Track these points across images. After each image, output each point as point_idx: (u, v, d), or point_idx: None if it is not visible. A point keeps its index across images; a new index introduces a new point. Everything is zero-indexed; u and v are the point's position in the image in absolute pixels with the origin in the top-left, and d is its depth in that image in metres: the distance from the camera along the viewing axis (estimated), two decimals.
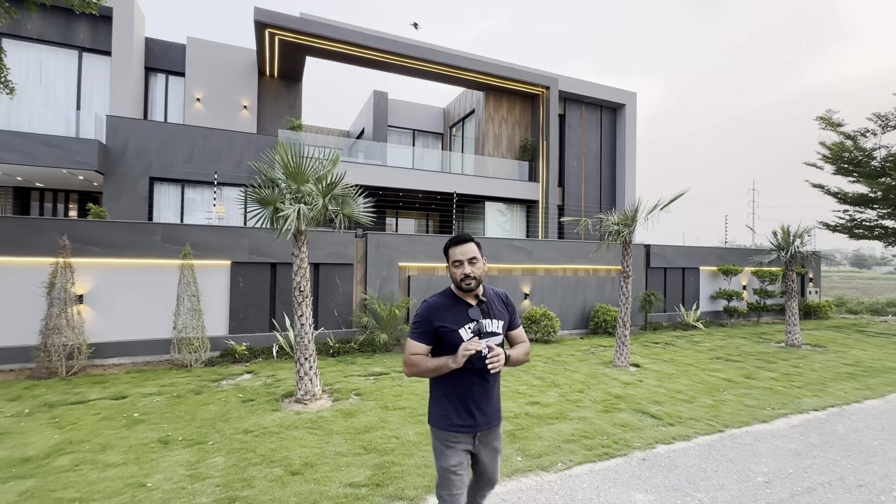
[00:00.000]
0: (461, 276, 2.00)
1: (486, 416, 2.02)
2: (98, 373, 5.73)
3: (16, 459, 3.33)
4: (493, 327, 2.02)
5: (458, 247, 2.03)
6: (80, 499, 2.83)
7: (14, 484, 3.00)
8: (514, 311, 2.17)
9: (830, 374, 6.35)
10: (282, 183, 4.65)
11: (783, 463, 3.54)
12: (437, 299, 2.06)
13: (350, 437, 3.85)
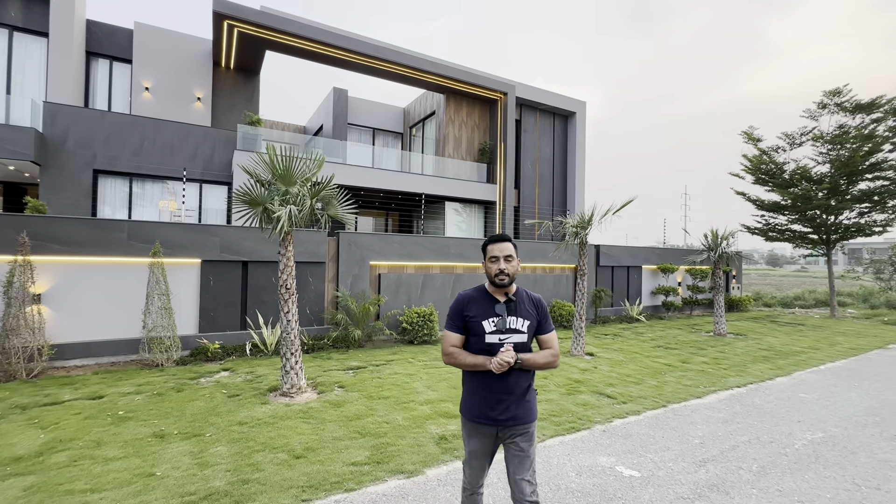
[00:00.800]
0: (496, 272, 2.10)
1: (507, 413, 2.05)
2: (62, 374, 5.53)
3: (6, 459, 3.32)
4: (517, 325, 2.08)
5: (497, 244, 2.15)
6: (91, 489, 2.93)
7: (15, 480, 3.02)
8: (544, 316, 2.17)
9: (750, 358, 7.41)
10: (271, 184, 4.80)
11: (714, 428, 4.27)
12: (470, 293, 2.19)
13: (343, 424, 4.13)
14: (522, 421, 2.09)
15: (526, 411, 2.10)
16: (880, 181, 12.50)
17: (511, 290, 2.15)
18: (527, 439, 2.12)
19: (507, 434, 2.10)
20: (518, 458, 2.09)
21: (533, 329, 2.12)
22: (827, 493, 3.06)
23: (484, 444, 2.13)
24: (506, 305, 2.10)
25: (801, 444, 3.92)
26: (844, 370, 6.74)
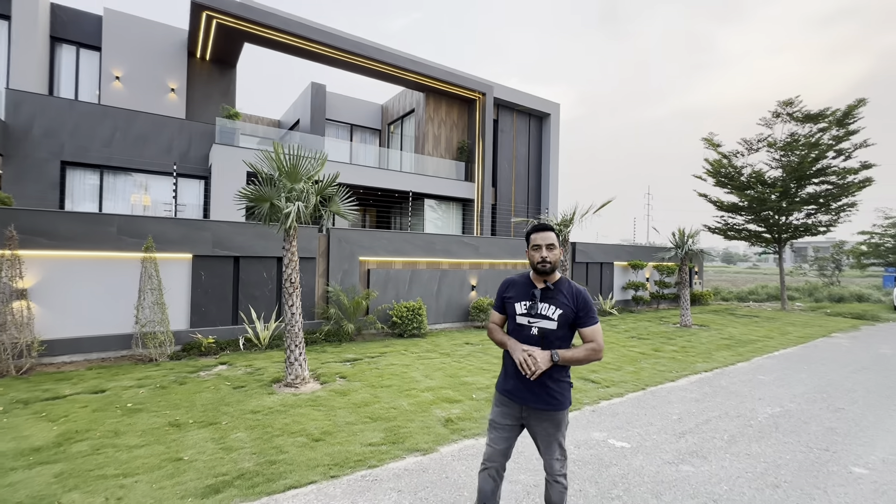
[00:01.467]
0: (538, 259, 2.16)
1: (531, 393, 2.14)
2: (53, 371, 5.45)
3: (26, 449, 3.36)
4: (547, 312, 2.13)
5: (540, 233, 2.20)
6: (123, 474, 3.05)
7: (42, 468, 3.09)
8: (584, 308, 2.13)
9: (714, 346, 8.10)
10: (276, 181, 4.93)
11: (688, 406, 4.77)
12: (514, 277, 2.34)
13: (353, 411, 4.36)
14: (550, 407, 2.14)
15: (554, 398, 2.14)
16: (825, 185, 13.71)
17: (553, 278, 2.20)
18: (554, 425, 2.18)
19: (534, 417, 2.17)
20: (546, 441, 2.19)
21: (567, 319, 2.13)
22: (786, 455, 3.57)
23: (504, 417, 2.23)
24: (542, 291, 2.18)
25: (763, 417, 4.46)
26: (795, 356, 7.50)
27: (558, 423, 2.18)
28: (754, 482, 3.12)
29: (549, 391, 2.13)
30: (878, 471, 3.34)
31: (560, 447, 2.21)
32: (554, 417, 2.17)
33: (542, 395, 2.13)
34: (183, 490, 2.87)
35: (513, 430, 2.24)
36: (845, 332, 10.08)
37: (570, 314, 2.12)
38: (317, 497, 2.85)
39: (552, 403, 2.14)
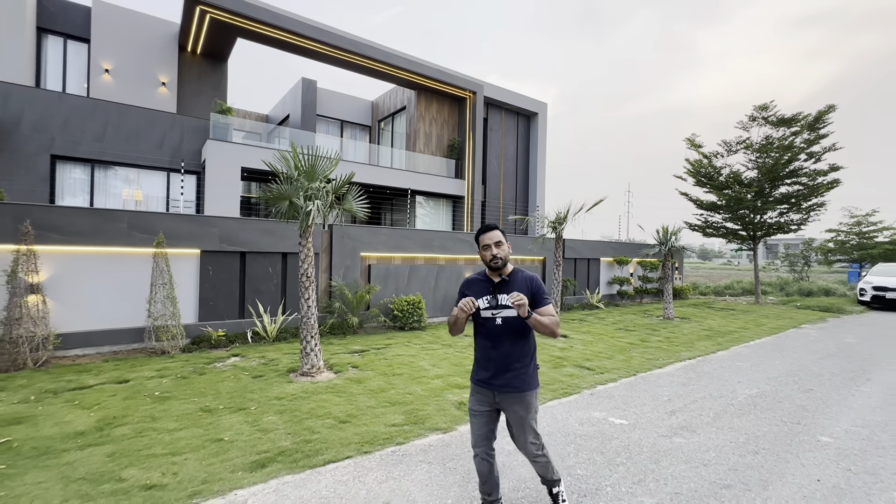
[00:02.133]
0: (490, 257, 2.36)
1: (500, 378, 2.34)
2: (68, 364, 5.58)
3: (71, 433, 3.57)
4: (507, 301, 2.31)
5: (487, 233, 2.40)
6: (170, 453, 3.30)
7: (93, 449, 3.31)
8: (538, 292, 2.37)
9: (695, 337, 8.66)
10: (292, 180, 5.16)
11: (676, 389, 5.24)
12: (472, 276, 2.54)
13: (371, 396, 4.66)
14: (517, 389, 2.33)
15: (520, 381, 2.33)
16: (797, 186, 14.52)
17: (506, 271, 2.41)
18: (524, 407, 2.35)
19: (505, 401, 2.35)
20: (518, 424, 2.38)
21: None
22: (763, 428, 4.04)
23: (480, 404, 2.42)
24: (499, 285, 2.39)
25: (743, 397, 4.95)
26: (769, 345, 8.10)
27: (527, 405, 2.36)
28: (737, 450, 3.57)
29: (516, 374, 2.33)
30: (842, 439, 3.83)
31: (533, 431, 2.39)
32: (523, 399, 2.35)
33: (512, 381, 2.33)
34: (231, 465, 3.14)
35: (490, 415, 2.43)
36: (814, 324, 10.83)
37: (528, 299, 2.28)
38: (355, 469, 3.16)
39: (518, 385, 2.33)
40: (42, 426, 3.68)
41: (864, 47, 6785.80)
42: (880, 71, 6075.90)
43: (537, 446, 2.41)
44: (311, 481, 2.98)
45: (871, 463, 3.38)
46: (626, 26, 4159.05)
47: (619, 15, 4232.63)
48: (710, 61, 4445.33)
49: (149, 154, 12.36)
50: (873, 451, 3.59)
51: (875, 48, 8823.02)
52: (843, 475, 3.18)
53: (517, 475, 3.11)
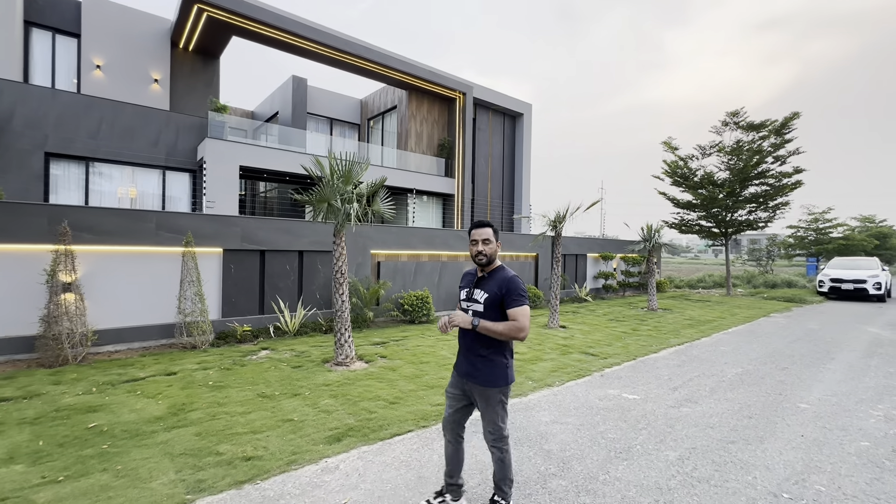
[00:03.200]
0: (475, 253, 2.47)
1: (470, 369, 2.45)
2: (105, 359, 5.79)
3: (150, 418, 3.89)
4: (478, 297, 2.43)
5: (478, 230, 2.50)
6: (251, 431, 3.69)
7: (179, 431, 3.67)
8: (508, 292, 2.36)
9: (680, 325, 9.48)
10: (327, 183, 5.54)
11: (673, 370, 5.93)
12: (469, 269, 2.70)
13: (409, 381, 5.13)
14: (477, 381, 2.42)
15: (481, 374, 2.41)
16: (764, 186, 15.71)
17: (490, 268, 2.50)
18: (484, 400, 2.43)
19: (472, 391, 2.47)
20: (482, 413, 2.47)
21: (494, 302, 2.37)
22: (752, 399, 4.74)
23: (453, 388, 2.57)
24: (478, 279, 2.52)
25: (731, 375, 5.68)
26: (745, 331, 8.99)
27: (488, 399, 2.41)
28: (734, 415, 4.24)
29: (479, 368, 2.41)
30: (816, 405, 4.56)
31: (494, 424, 2.43)
32: (484, 393, 2.41)
33: (473, 372, 2.43)
34: (310, 440, 3.56)
35: (460, 400, 2.55)
36: (781, 313, 11.90)
37: (498, 298, 2.37)
38: (419, 439, 3.64)
39: (480, 379, 2.40)
40: (119, 413, 3.99)
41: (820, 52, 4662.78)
42: (835, 74, 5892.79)
43: (494, 437, 2.46)
44: (386, 450, 3.44)
45: (841, 422, 4.11)
46: (599, 25, 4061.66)
47: (592, 14, 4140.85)
48: (679, 62, 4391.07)
49: (144, 152, 12.31)
50: (842, 413, 4.33)
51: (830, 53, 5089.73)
52: (821, 431, 3.88)
53: None
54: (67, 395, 4.38)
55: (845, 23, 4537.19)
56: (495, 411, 2.43)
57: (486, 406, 2.43)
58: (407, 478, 3.01)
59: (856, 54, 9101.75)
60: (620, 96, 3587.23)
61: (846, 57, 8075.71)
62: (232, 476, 2.98)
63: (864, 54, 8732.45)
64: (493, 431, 2.45)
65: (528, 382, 5.23)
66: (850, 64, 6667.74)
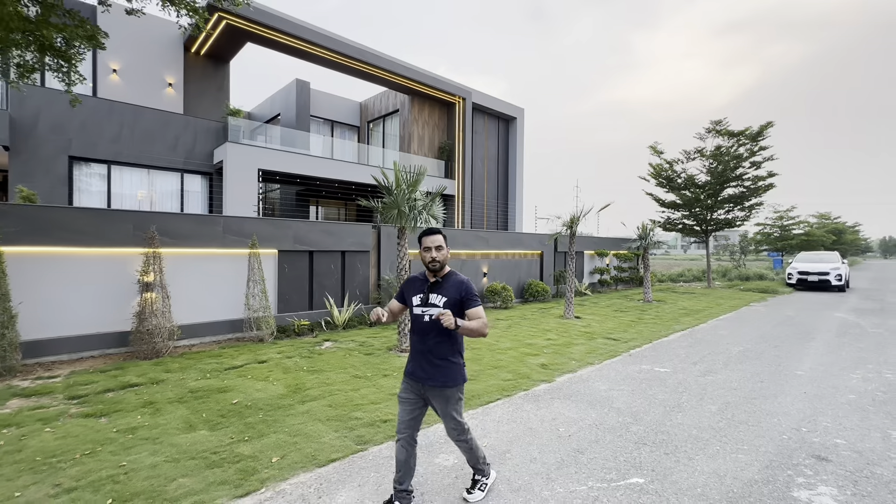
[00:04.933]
0: (429, 259, 2.56)
1: (426, 372, 2.53)
2: (188, 351, 6.36)
3: (277, 395, 4.58)
4: (436, 301, 2.52)
5: (429, 237, 2.58)
6: (371, 402, 4.43)
7: (311, 404, 4.37)
8: (467, 295, 2.52)
9: (677, 315, 10.63)
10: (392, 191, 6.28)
11: (686, 350, 6.96)
12: (413, 275, 2.75)
13: (474, 363, 5.92)
14: (439, 383, 2.51)
15: (443, 376, 2.51)
16: (741, 188, 17.23)
17: (442, 273, 2.62)
18: (444, 400, 2.54)
19: (430, 393, 2.55)
20: (442, 413, 2.58)
21: (452, 304, 2.52)
22: (760, 369, 5.79)
23: (408, 392, 2.61)
24: (432, 285, 2.60)
25: (735, 352, 6.77)
26: (734, 318, 10.22)
27: (448, 398, 2.55)
28: (749, 381, 5.26)
29: (440, 370, 2.52)
30: (809, 372, 5.65)
31: (454, 420, 2.58)
32: (444, 393, 2.54)
33: (434, 375, 2.52)
34: None
35: (415, 403, 2.60)
36: (759, 302, 13.30)
37: (457, 301, 2.53)
38: (508, 405, 4.48)
39: (440, 380, 2.52)
40: (248, 392, 4.65)
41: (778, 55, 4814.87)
42: (792, 77, 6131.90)
43: (457, 432, 2.61)
44: (489, 412, 4.27)
45: (831, 383, 5.20)
46: (571, 26, 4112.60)
47: (564, 15, 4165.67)
48: (647, 63, 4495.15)
49: (163, 155, 12.61)
50: (830, 377, 5.43)
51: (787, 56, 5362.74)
52: (818, 389, 4.95)
53: None
54: (188, 381, 5.00)
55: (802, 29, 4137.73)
56: (455, 409, 2.58)
57: (447, 405, 2.56)
58: (518, 431, 3.85)
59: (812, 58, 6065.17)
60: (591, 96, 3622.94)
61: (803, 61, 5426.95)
62: (383, 432, 3.74)
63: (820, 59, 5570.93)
64: (455, 428, 2.59)
65: (572, 362, 6.14)
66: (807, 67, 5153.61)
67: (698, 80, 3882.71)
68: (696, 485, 2.93)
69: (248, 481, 2.94)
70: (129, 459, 3.21)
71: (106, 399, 4.41)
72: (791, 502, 2.74)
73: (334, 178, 15.47)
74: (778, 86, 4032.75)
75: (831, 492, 2.86)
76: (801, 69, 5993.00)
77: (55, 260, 5.78)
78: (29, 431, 3.64)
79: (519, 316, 10.05)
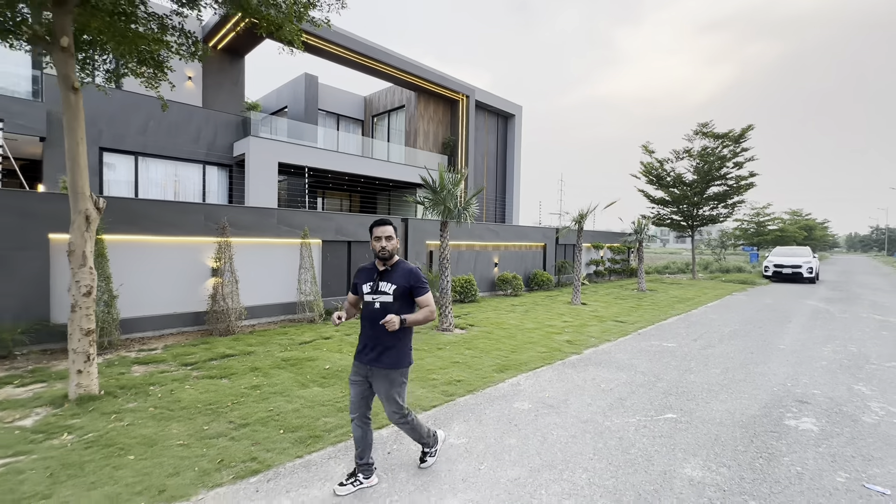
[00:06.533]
0: (379, 248, 2.62)
1: (371, 353, 2.65)
2: (253, 329, 7.12)
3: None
4: (386, 288, 2.62)
5: (381, 227, 2.66)
6: (439, 368, 5.31)
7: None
8: (416, 283, 2.65)
9: (671, 301, 11.80)
10: (436, 190, 7.13)
11: (685, 330, 8.06)
12: (364, 265, 2.82)
13: (509, 340, 6.88)
14: (384, 365, 2.64)
15: (389, 359, 2.63)
16: (724, 187, 18.58)
17: (392, 262, 2.71)
18: (388, 382, 2.66)
19: (374, 375, 2.67)
20: (384, 395, 2.68)
21: (403, 292, 2.63)
22: (749, 344, 6.91)
23: (356, 374, 2.74)
24: (381, 273, 2.70)
25: (727, 331, 7.90)
26: (721, 305, 11.44)
27: (392, 381, 2.66)
28: (742, 352, 6.36)
29: (386, 352, 2.65)
30: (789, 346, 6.79)
31: (395, 402, 2.68)
32: (388, 375, 2.65)
33: (380, 358, 2.65)
34: (483, 372, 5.24)
35: (363, 384, 2.72)
36: (740, 292, 14.65)
37: (406, 288, 2.64)
38: (552, 370, 5.43)
39: (386, 362, 2.64)
40: (332, 361, 5.49)
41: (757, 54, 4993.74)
42: (769, 75, 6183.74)
43: (399, 416, 2.72)
44: (539, 375, 5.22)
45: (807, 354, 6.34)
46: (555, 19, 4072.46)
47: (547, 8, 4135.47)
48: (630, 59, 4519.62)
49: (186, 147, 13.09)
50: (806, 350, 6.57)
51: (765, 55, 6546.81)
52: (797, 358, 6.07)
53: None
54: (274, 352, 5.80)
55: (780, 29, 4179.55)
56: (398, 391, 2.69)
57: (390, 387, 2.66)
58: (566, 387, 4.81)
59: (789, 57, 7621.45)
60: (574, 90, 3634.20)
61: (781, 59, 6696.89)
62: (462, 388, 4.65)
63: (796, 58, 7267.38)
64: (396, 411, 2.71)
65: (592, 339, 7.15)
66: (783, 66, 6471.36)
67: (682, 76, 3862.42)
68: (715, 418, 3.94)
69: (375, 420, 3.81)
70: (273, 406, 4.04)
71: (215, 366, 5.19)
72: (784, 427, 3.77)
73: (343, 170, 16.07)
74: (755, 84, 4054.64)
75: (812, 421, 3.91)
76: (778, 68, 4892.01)
77: (141, 247, 6.45)
78: (173, 389, 4.42)
79: (531, 302, 11.05)
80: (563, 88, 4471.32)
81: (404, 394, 2.75)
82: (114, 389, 4.31)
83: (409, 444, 3.35)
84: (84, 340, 4.02)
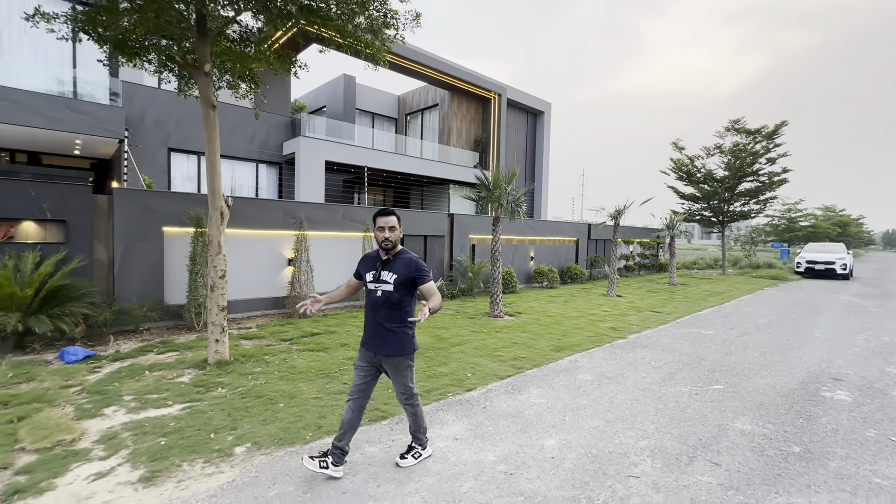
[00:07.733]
0: (382, 238, 2.69)
1: (377, 343, 2.71)
2: (325, 314, 7.95)
3: (429, 343, 6.15)
4: (387, 278, 2.68)
5: (383, 217, 2.71)
6: (501, 348, 6.00)
7: (460, 348, 5.95)
8: (419, 273, 2.68)
9: (702, 295, 12.20)
10: (489, 188, 7.79)
11: (722, 319, 8.54)
12: (368, 253, 2.92)
13: (556, 326, 7.52)
14: (388, 353, 2.69)
15: (391, 346, 2.69)
16: (756, 183, 18.65)
17: (394, 251, 2.75)
18: (394, 368, 2.73)
19: (383, 362, 2.73)
20: (394, 380, 2.78)
21: (404, 282, 2.67)
22: (785, 333, 7.37)
23: (362, 360, 2.80)
24: (384, 262, 2.75)
25: (762, 322, 8.35)
26: (754, 299, 11.79)
27: (397, 366, 2.73)
28: (778, 339, 6.85)
29: (388, 339, 2.69)
30: (823, 335, 7.23)
31: (404, 386, 2.78)
32: (394, 361, 2.72)
33: (384, 345, 2.70)
34: (542, 351, 5.91)
35: (368, 370, 2.78)
36: (772, 287, 14.87)
37: (408, 278, 2.68)
38: (603, 351, 6.06)
39: (389, 350, 2.70)
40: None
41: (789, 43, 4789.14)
42: (803, 65, 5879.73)
43: (405, 396, 2.83)
44: (592, 355, 5.85)
45: (841, 341, 6.79)
46: (570, 9, 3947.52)
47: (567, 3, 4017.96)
48: (654, 51, 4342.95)
49: (242, 147, 14.07)
50: (840, 338, 7.01)
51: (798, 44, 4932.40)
52: (831, 345, 6.54)
53: None
54: (354, 332, 6.58)
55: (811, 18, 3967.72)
56: (405, 375, 2.78)
57: (397, 372, 2.75)
58: (620, 364, 5.43)
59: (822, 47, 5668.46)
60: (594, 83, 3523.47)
61: (814, 50, 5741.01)
62: (528, 363, 5.34)
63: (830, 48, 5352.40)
64: (404, 392, 2.81)
65: (633, 326, 7.72)
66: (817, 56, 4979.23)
67: (707, 67, 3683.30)
68: (758, 389, 4.53)
69: (463, 384, 4.54)
70: None
71: (309, 342, 6.01)
72: (820, 398, 4.33)
73: (381, 167, 16.85)
74: (787, 75, 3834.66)
75: (845, 394, 4.46)
76: (812, 58, 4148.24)
77: (233, 239, 7.33)
78: (285, 358, 5.24)
79: (568, 294, 11.64)
80: (583, 82, 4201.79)
81: (412, 376, 2.82)
82: (238, 357, 5.15)
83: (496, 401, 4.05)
84: (220, 315, 4.86)
